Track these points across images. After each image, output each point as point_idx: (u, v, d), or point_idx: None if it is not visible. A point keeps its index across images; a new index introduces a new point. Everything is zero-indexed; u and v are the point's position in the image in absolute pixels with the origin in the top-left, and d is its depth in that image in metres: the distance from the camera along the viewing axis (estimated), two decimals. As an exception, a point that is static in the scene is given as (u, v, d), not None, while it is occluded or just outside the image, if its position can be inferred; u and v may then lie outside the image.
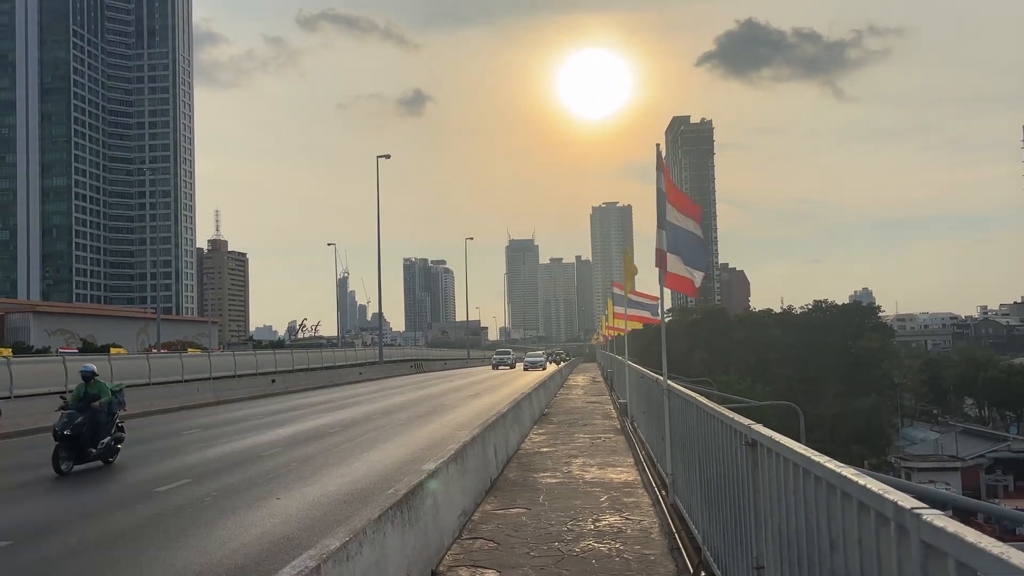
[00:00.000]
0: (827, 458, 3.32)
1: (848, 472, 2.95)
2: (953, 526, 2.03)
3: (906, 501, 2.36)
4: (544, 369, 59.36)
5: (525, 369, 62.40)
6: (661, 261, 8.25)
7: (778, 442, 4.09)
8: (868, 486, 2.68)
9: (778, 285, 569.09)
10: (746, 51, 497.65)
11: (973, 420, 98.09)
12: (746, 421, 4.98)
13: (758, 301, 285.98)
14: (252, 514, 10.09)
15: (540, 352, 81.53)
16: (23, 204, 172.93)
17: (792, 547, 3.80)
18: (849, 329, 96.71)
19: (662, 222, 8.21)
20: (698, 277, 8.51)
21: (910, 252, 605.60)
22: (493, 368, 67.85)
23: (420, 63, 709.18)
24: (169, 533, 9.16)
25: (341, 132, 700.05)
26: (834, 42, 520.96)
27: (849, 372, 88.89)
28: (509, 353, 75.73)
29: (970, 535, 1.92)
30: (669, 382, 9.71)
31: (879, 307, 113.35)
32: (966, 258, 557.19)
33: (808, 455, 3.51)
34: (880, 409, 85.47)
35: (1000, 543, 1.82)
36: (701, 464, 7.04)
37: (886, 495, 2.49)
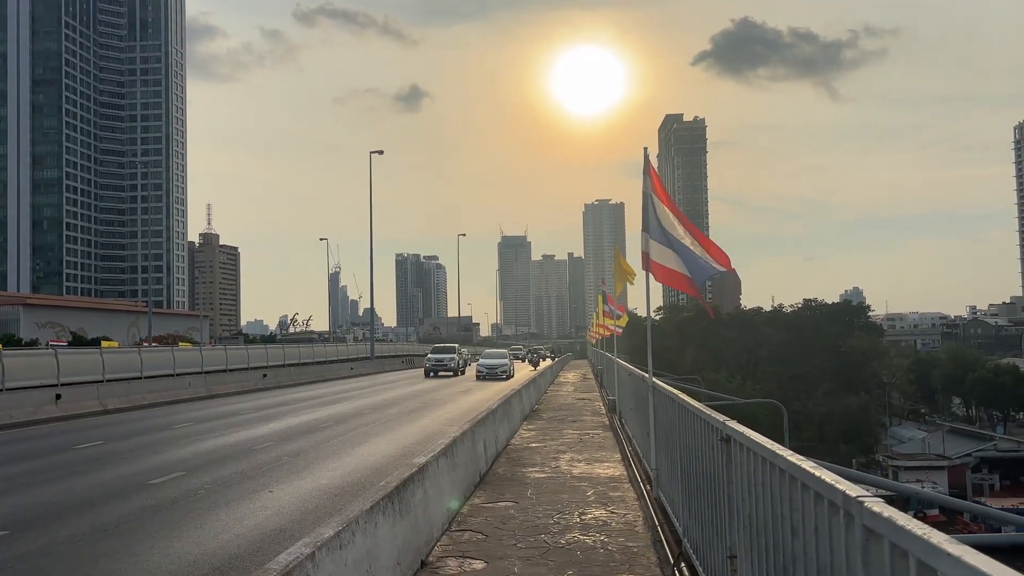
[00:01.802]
0: (790, 452, 3.56)
1: (806, 465, 3.19)
2: (889, 512, 2.26)
3: (852, 490, 2.59)
4: (509, 378, 40.97)
5: (478, 378, 41.38)
6: (646, 264, 8.47)
7: (749, 437, 4.32)
8: (823, 477, 2.92)
9: (770, 283, 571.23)
10: (742, 50, 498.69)
11: (961, 419, 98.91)
12: (721, 417, 5.22)
13: (749, 299, 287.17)
14: (245, 506, 10.30)
15: (503, 352, 50.23)
16: (13, 196, 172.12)
17: (761, 536, 4.03)
18: (839, 328, 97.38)
19: (646, 225, 8.43)
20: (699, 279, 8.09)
21: (901, 251, 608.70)
22: (426, 376, 45.06)
23: (417, 58, 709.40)
24: (164, 524, 9.35)
25: (336, 127, 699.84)
26: (830, 42, 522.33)
27: (838, 371, 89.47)
28: (453, 352, 48.41)
29: (901, 519, 2.15)
30: (654, 379, 9.95)
31: (869, 306, 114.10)
32: (956, 258, 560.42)
33: (773, 449, 3.74)
34: (869, 408, 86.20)
35: (925, 525, 2.04)
36: (682, 459, 7.28)
37: (837, 485, 2.73)
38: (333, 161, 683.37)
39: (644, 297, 10.42)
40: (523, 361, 64.75)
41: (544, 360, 62.07)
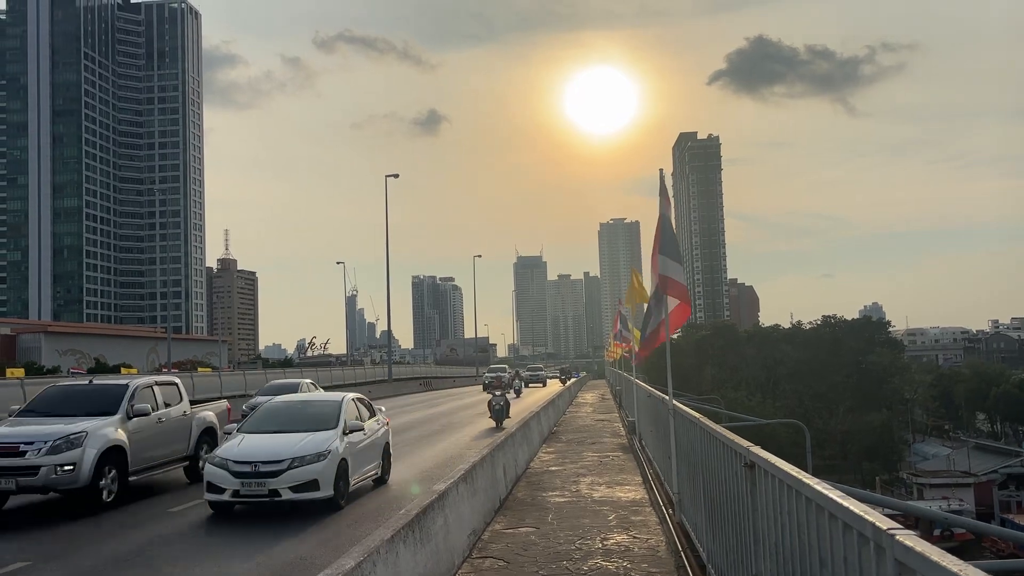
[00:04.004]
0: (817, 480, 3.50)
1: (834, 494, 3.14)
2: (921, 546, 2.21)
3: (882, 522, 2.54)
4: (334, 499, 11.58)
5: (212, 501, 11.66)
6: (664, 286, 8.42)
7: (774, 464, 4.26)
8: (851, 507, 2.87)
9: (788, 300, 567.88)
10: (758, 68, 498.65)
11: (985, 435, 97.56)
12: (745, 443, 5.16)
13: (768, 316, 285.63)
14: (265, 534, 10.26)
15: (329, 403, 13.45)
16: (35, 225, 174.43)
17: (788, 564, 3.97)
18: (859, 344, 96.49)
19: (665, 248, 8.39)
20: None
21: (921, 266, 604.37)
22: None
23: (435, 83, 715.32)
24: (185, 553, 9.34)
25: (355, 152, 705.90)
26: (847, 58, 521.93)
27: (859, 388, 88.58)
28: (72, 427, 12.16)
29: (934, 554, 2.11)
30: (675, 402, 9.87)
31: (889, 322, 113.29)
32: (977, 271, 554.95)
33: (800, 477, 3.69)
34: (891, 425, 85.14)
35: (960, 561, 2.00)
36: (705, 483, 7.20)
37: (866, 516, 2.68)
38: (351, 185, 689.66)
39: (663, 317, 10.35)
40: (512, 390, 41.77)
41: (521, 387, 44.95)
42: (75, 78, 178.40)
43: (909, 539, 2.30)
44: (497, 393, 25.82)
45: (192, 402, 15.58)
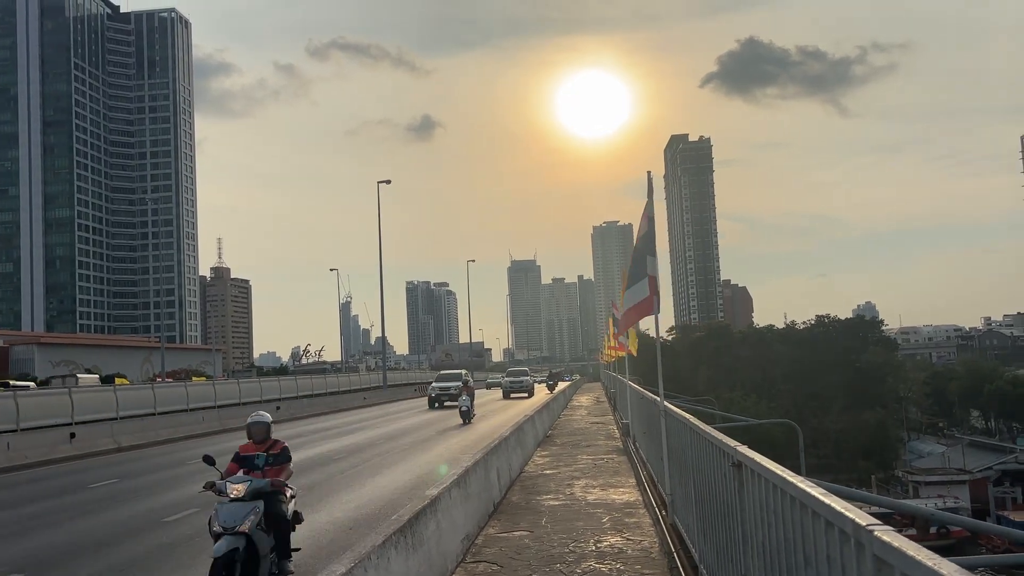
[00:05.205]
0: (801, 479, 3.53)
1: (816, 492, 3.17)
2: (898, 541, 2.24)
3: (862, 518, 2.57)
4: None
5: None
6: (654, 287, 8.46)
7: (760, 463, 4.29)
8: (832, 505, 2.90)
9: (782, 301, 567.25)
10: (750, 70, 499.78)
11: (979, 432, 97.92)
12: (732, 443, 5.18)
13: (762, 317, 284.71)
14: (260, 542, 10.25)
15: None
16: (26, 236, 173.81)
17: (774, 563, 3.99)
18: (853, 343, 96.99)
19: (652, 249, 8.42)
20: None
21: (913, 264, 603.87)
22: None
23: (429, 89, 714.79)
24: (179, 562, 9.32)
25: (349, 158, 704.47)
26: (839, 59, 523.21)
27: (854, 387, 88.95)
28: None
29: (911, 549, 2.13)
30: (665, 403, 9.90)
31: (882, 321, 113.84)
32: (969, 269, 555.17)
33: (784, 476, 3.71)
34: (886, 423, 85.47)
35: (935, 555, 2.02)
36: (696, 484, 7.23)
37: (846, 513, 2.71)
38: (345, 192, 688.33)
39: (654, 318, 10.37)
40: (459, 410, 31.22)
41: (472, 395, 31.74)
42: (65, 88, 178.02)
43: (887, 535, 2.32)
44: (232, 495, 6.89)
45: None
